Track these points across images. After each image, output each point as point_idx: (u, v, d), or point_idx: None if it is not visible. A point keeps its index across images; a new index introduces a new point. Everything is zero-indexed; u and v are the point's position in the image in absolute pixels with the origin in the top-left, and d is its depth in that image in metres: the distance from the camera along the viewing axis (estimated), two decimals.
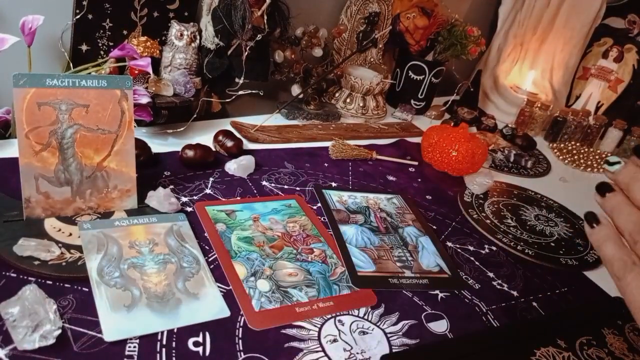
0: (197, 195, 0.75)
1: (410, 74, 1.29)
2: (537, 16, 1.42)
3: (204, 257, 0.62)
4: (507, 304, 0.67)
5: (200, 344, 0.51)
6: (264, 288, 0.59)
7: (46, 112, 0.59)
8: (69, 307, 0.51)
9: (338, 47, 1.22)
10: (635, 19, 1.44)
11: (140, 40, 0.86)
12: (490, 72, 1.46)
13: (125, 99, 0.64)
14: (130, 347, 0.48)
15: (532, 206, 0.96)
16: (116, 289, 0.54)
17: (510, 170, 1.11)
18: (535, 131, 1.36)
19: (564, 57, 1.44)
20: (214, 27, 0.90)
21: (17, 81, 0.57)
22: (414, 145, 1.10)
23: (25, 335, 0.46)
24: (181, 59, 0.90)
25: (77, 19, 0.82)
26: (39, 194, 0.61)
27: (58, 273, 0.54)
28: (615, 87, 1.43)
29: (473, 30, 1.24)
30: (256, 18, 0.92)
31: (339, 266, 0.66)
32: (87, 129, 0.62)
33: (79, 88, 0.61)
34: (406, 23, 1.24)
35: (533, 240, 0.84)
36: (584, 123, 1.33)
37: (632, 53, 1.42)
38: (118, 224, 0.63)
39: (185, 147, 0.81)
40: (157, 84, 0.86)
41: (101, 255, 0.57)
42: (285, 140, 1.00)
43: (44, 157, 0.60)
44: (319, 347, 0.53)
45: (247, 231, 0.69)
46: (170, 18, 0.91)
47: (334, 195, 0.82)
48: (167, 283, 0.56)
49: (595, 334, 0.65)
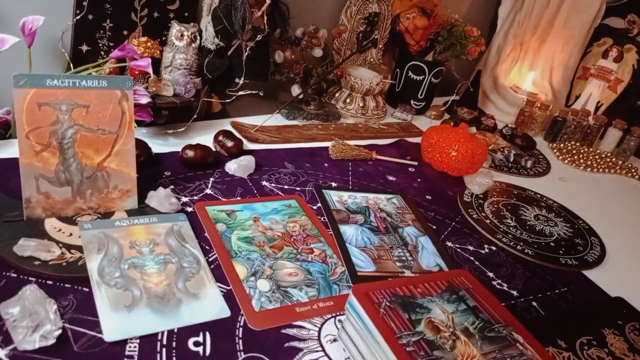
0: (197, 195, 0.75)
1: (410, 74, 1.29)
2: (537, 16, 1.42)
3: (204, 257, 0.62)
4: (507, 303, 0.67)
5: (200, 343, 0.51)
6: (264, 288, 0.59)
7: (46, 113, 0.59)
8: (69, 307, 0.51)
9: (338, 47, 1.22)
10: (635, 18, 1.44)
11: (140, 41, 0.86)
12: (490, 72, 1.46)
13: (126, 99, 0.64)
14: (131, 347, 0.48)
15: (531, 206, 0.96)
16: (116, 289, 0.54)
17: (510, 170, 1.11)
18: (534, 131, 1.36)
19: (563, 57, 1.44)
20: (214, 27, 0.90)
21: (18, 81, 0.57)
22: (414, 145, 1.10)
23: (26, 335, 0.46)
24: (181, 60, 0.90)
25: (78, 20, 0.82)
26: (40, 194, 0.61)
27: (58, 273, 0.54)
28: (615, 87, 1.44)
29: (473, 31, 1.24)
30: (256, 18, 0.92)
31: (339, 266, 0.66)
32: (87, 129, 0.62)
33: (79, 88, 0.61)
34: (406, 23, 1.24)
35: (533, 240, 0.84)
36: (584, 123, 1.33)
37: (632, 53, 1.42)
38: (118, 224, 0.63)
39: (186, 147, 0.82)
40: (158, 84, 0.86)
41: (102, 255, 0.57)
42: (285, 141, 1.00)
43: (44, 157, 0.60)
44: (319, 346, 0.53)
45: (248, 231, 0.69)
46: (170, 18, 0.91)
47: (334, 195, 0.82)
48: (168, 283, 0.56)
49: (596, 334, 0.65)
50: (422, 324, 0.47)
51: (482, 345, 0.46)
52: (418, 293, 0.50)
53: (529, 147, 1.25)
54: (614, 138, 1.33)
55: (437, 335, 0.46)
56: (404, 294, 0.49)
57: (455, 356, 0.45)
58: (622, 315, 0.69)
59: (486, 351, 0.46)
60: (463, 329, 0.48)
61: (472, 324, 0.48)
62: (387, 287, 0.50)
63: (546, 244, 0.84)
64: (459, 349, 0.45)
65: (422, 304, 0.49)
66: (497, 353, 0.46)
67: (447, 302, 0.50)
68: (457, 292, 0.52)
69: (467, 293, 0.52)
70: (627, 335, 0.66)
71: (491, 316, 0.50)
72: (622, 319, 0.68)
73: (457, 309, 0.50)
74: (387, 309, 0.47)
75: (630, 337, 0.66)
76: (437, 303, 0.49)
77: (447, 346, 0.45)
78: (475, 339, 0.47)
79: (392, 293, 0.49)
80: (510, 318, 0.51)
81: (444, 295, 0.51)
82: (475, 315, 0.50)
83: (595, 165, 1.24)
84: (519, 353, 0.47)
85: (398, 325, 0.46)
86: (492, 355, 0.46)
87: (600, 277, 0.78)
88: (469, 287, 0.53)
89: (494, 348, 0.47)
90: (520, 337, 0.49)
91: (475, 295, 0.52)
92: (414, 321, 0.47)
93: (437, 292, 0.51)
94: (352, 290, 0.48)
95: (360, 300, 0.47)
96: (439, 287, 0.52)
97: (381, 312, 0.46)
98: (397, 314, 0.47)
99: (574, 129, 1.33)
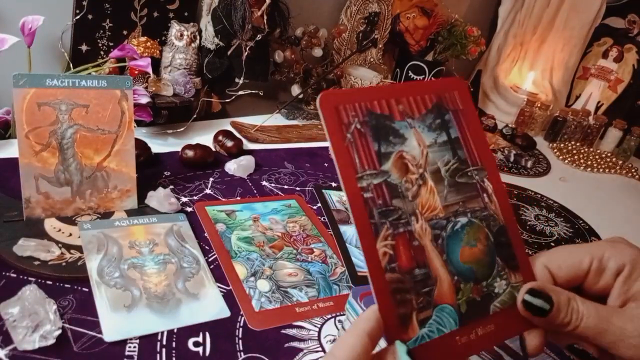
0: (197, 195, 0.75)
1: (410, 74, 1.29)
2: (537, 16, 1.42)
3: (204, 257, 0.62)
4: None
5: (200, 344, 0.51)
6: (264, 288, 0.59)
7: (46, 113, 0.59)
8: (69, 307, 0.51)
9: (338, 47, 1.22)
10: (635, 18, 1.44)
11: (140, 41, 0.86)
12: (490, 72, 1.46)
13: (125, 99, 0.64)
14: (130, 347, 0.48)
15: (532, 206, 0.96)
16: (116, 289, 0.54)
17: (510, 170, 1.11)
18: (535, 131, 1.36)
19: (563, 57, 1.44)
20: (213, 27, 0.90)
21: (17, 81, 0.57)
22: None
23: (25, 335, 0.46)
24: (181, 59, 0.90)
25: (77, 19, 0.82)
26: (39, 194, 0.61)
27: (58, 273, 0.54)
28: (615, 87, 1.44)
29: (473, 30, 1.24)
30: (256, 18, 0.92)
31: (339, 266, 0.66)
32: (87, 129, 0.62)
33: (79, 88, 0.61)
34: (406, 23, 1.24)
35: (533, 240, 0.84)
36: (584, 123, 1.33)
37: (632, 53, 1.42)
38: (118, 224, 0.63)
39: (185, 147, 0.81)
40: (157, 84, 0.86)
41: (101, 255, 0.57)
42: (285, 140, 1.00)
43: (44, 157, 0.60)
44: (319, 347, 0.53)
45: (247, 231, 0.69)
46: (170, 18, 0.91)
47: (334, 195, 0.82)
48: (167, 283, 0.56)
49: None
50: (391, 161, 0.39)
51: (447, 194, 0.41)
52: (398, 113, 0.41)
53: (529, 147, 1.25)
54: (614, 138, 1.33)
55: (403, 178, 0.39)
56: (381, 112, 0.40)
57: (414, 207, 0.39)
58: None
59: (449, 203, 0.40)
60: (434, 170, 0.41)
61: (446, 165, 0.42)
62: (363, 100, 0.40)
63: (546, 244, 0.84)
64: (421, 198, 0.40)
65: (398, 129, 0.40)
66: (459, 206, 0.41)
67: (428, 130, 0.42)
68: (443, 114, 0.43)
69: (453, 118, 0.44)
70: None
71: (469, 154, 0.43)
72: None
73: (436, 140, 0.42)
74: (356, 134, 0.38)
75: None
76: (416, 130, 0.41)
77: (409, 193, 0.39)
78: (442, 186, 0.41)
79: (368, 110, 0.39)
80: (489, 157, 0.44)
81: (427, 117, 0.42)
82: (453, 151, 0.42)
83: (596, 166, 1.24)
84: (482, 207, 0.42)
85: (362, 160, 0.38)
86: (454, 209, 0.41)
87: None
88: (458, 108, 0.44)
89: (459, 199, 0.41)
90: (489, 187, 0.43)
91: (462, 122, 0.44)
92: (382, 155, 0.39)
93: (421, 111, 0.42)
94: (319, 99, 0.38)
95: (327, 117, 0.37)
96: (425, 105, 0.43)
97: (347, 138, 0.38)
98: (365, 143, 0.38)
99: (574, 129, 1.33)
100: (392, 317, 0.36)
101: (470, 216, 0.41)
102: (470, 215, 0.41)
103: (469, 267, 0.40)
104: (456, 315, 0.38)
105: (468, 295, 0.39)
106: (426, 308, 0.37)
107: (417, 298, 0.37)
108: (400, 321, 0.36)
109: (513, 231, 0.43)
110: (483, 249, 0.41)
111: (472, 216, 0.42)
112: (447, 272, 0.39)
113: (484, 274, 0.41)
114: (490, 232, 0.42)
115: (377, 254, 0.37)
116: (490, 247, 0.42)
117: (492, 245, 0.42)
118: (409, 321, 0.37)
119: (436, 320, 0.38)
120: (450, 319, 0.38)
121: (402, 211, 0.39)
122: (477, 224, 0.42)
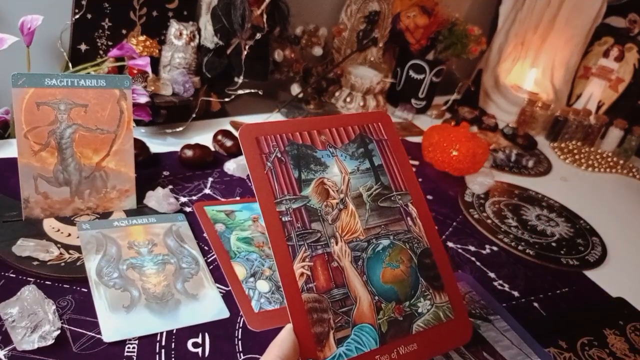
0: (196, 195, 0.74)
1: (410, 73, 1.28)
2: (538, 15, 1.41)
3: (203, 257, 0.62)
4: (508, 304, 0.67)
5: (199, 344, 0.50)
6: (264, 289, 0.59)
7: (45, 112, 0.59)
8: (68, 307, 0.51)
9: (338, 46, 1.22)
10: (636, 18, 1.44)
11: (139, 40, 0.86)
12: (491, 71, 1.45)
13: (124, 99, 0.63)
14: (130, 348, 0.48)
15: (533, 206, 0.96)
16: (115, 289, 0.53)
17: (511, 170, 1.10)
18: (536, 131, 1.36)
19: (564, 56, 1.43)
20: (213, 26, 0.90)
21: (16, 81, 0.57)
22: (415, 145, 1.10)
23: (25, 335, 0.46)
24: (180, 59, 0.90)
25: (76, 19, 0.82)
26: (38, 194, 0.61)
27: (57, 273, 0.54)
28: (616, 87, 1.43)
29: (474, 29, 1.23)
30: (256, 17, 0.91)
31: None
32: (85, 128, 0.62)
33: (77, 88, 0.60)
34: (406, 22, 1.24)
35: (534, 240, 0.84)
36: (585, 122, 1.32)
37: (633, 52, 1.42)
38: (117, 225, 0.62)
39: (184, 147, 0.81)
40: (156, 83, 0.86)
41: (100, 255, 0.57)
42: None
43: (42, 157, 0.60)
44: None
45: (247, 231, 0.68)
46: (169, 17, 0.91)
47: None
48: (166, 284, 0.56)
49: (597, 335, 0.64)
50: (311, 186, 0.41)
51: (369, 218, 0.42)
52: (320, 143, 0.43)
53: (530, 147, 1.24)
54: (615, 138, 1.33)
55: (324, 203, 0.41)
56: (303, 142, 0.42)
57: (334, 230, 0.40)
58: (623, 316, 0.69)
59: (371, 225, 0.42)
60: (356, 195, 0.42)
61: (368, 190, 0.43)
62: (285, 131, 0.42)
63: (547, 244, 0.84)
64: (341, 222, 0.41)
65: (320, 158, 0.42)
66: (381, 229, 0.42)
67: (350, 158, 0.44)
68: (367, 144, 0.45)
69: (377, 147, 0.46)
70: (628, 335, 0.66)
71: (393, 180, 0.45)
72: (623, 320, 0.68)
73: (359, 168, 0.44)
74: (276, 162, 0.40)
75: (631, 337, 0.66)
76: (338, 158, 0.43)
77: (329, 217, 0.41)
78: (364, 210, 0.42)
79: (290, 140, 0.41)
80: (414, 183, 0.46)
81: (350, 147, 0.44)
82: (377, 177, 0.44)
83: (597, 165, 1.23)
84: (405, 230, 0.43)
85: (282, 186, 0.40)
86: (375, 232, 0.42)
87: (601, 278, 0.77)
88: (382, 138, 0.46)
89: (381, 222, 0.42)
90: (414, 211, 0.44)
91: (386, 151, 0.46)
92: (302, 181, 0.41)
93: (344, 141, 0.44)
94: (239, 131, 0.40)
95: (246, 147, 0.39)
96: (349, 135, 0.45)
97: (267, 166, 0.40)
98: (284, 171, 0.40)
99: (575, 129, 1.33)
100: (308, 336, 0.37)
101: (393, 238, 0.43)
102: (393, 237, 0.43)
103: (390, 287, 0.41)
104: (376, 334, 0.39)
105: (389, 315, 0.40)
106: (344, 327, 0.38)
107: (335, 317, 0.38)
108: (316, 340, 0.37)
109: (438, 252, 0.44)
110: (406, 270, 0.42)
111: (394, 238, 0.43)
112: (367, 292, 0.40)
113: (406, 294, 0.42)
114: (413, 254, 0.43)
115: (294, 275, 0.38)
116: (414, 268, 0.43)
117: (415, 266, 0.43)
118: (325, 340, 0.37)
119: (355, 339, 0.38)
120: (370, 338, 0.39)
121: (322, 234, 0.40)
122: (400, 246, 0.43)
